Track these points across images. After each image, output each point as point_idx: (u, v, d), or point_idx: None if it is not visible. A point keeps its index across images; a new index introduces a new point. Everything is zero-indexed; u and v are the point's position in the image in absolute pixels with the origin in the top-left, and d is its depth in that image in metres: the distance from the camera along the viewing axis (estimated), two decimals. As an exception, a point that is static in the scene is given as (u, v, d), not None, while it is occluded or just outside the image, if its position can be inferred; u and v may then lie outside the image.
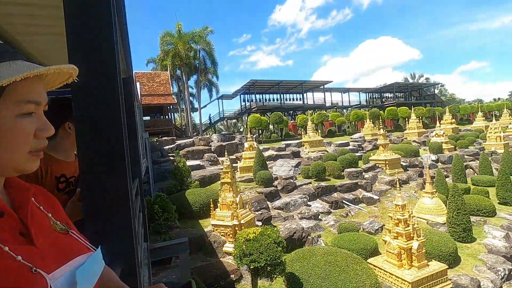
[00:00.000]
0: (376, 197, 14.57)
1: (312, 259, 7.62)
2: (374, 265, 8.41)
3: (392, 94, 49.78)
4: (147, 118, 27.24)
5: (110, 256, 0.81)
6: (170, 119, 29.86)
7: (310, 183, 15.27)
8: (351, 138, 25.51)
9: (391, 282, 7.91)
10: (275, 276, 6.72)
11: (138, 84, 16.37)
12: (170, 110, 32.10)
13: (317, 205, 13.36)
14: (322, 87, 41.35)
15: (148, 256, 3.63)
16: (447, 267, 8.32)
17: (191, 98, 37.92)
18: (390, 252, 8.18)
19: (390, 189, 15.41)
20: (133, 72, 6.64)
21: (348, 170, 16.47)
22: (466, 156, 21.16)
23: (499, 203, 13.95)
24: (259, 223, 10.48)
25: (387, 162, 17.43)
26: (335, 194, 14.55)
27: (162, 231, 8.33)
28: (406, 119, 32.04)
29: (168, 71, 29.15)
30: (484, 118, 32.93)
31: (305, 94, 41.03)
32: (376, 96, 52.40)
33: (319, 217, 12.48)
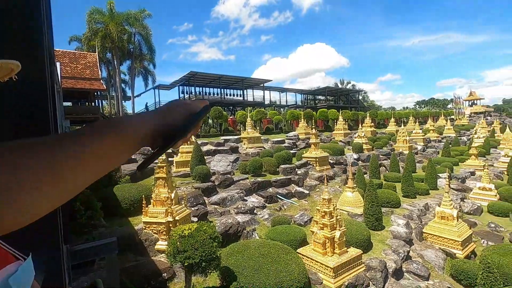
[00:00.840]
0: (306, 191, 15.73)
1: (247, 253, 7.86)
2: (303, 254, 9.11)
3: (324, 97, 54.15)
4: (69, 104, 24.02)
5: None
6: (97, 107, 26.88)
7: (247, 178, 15.63)
8: (287, 136, 26.93)
9: (317, 269, 8.70)
10: (209, 271, 6.73)
11: (58, 64, 14.25)
12: (98, 97, 28.89)
13: (253, 200, 13.78)
14: (262, 85, 42.50)
15: (68, 260, 3.25)
16: (362, 252, 9.55)
17: (123, 85, 34.79)
18: (316, 242, 8.97)
19: (319, 184, 16.83)
20: (53, 49, 5.77)
21: (283, 166, 17.38)
22: (380, 156, 24.42)
23: (403, 196, 16.55)
24: (195, 219, 10.31)
25: (317, 160, 18.95)
26: (270, 189, 15.21)
27: (84, 231, 7.52)
28: (335, 120, 35.26)
29: (96, 53, 26.13)
30: (395, 123, 38.48)
31: (245, 91, 41.58)
32: (310, 98, 56.29)
33: (255, 211, 12.91)
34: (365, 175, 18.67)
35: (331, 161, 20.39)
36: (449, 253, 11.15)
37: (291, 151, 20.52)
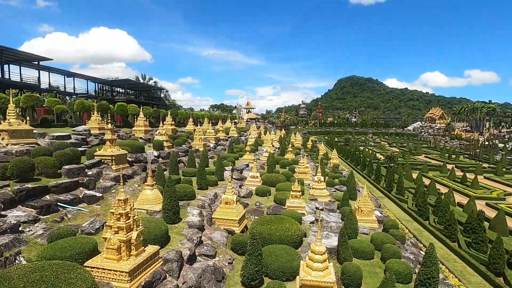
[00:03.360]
0: (99, 194, 13.87)
1: (7, 286, 5.79)
2: (92, 267, 7.94)
3: (123, 90, 49.96)
4: None
5: None
6: None
7: (9, 185, 11.56)
8: (74, 130, 22.48)
9: (110, 278, 7.88)
10: None
11: None
12: None
13: (19, 214, 10.37)
14: (37, 63, 32.89)
15: None
16: (159, 247, 9.70)
17: None
18: (109, 248, 8.11)
19: (115, 184, 15.35)
20: None
21: (67, 167, 14.35)
22: (180, 153, 25.91)
23: (198, 188, 18.48)
24: None
25: (113, 158, 17.19)
26: (47, 196, 12.07)
27: None
28: (135, 116, 33.52)
29: None
30: (193, 123, 42.25)
31: (6, 66, 30.43)
32: (107, 89, 50.12)
33: (20, 228, 9.76)
34: (165, 172, 19.11)
35: (130, 159, 19.21)
36: (230, 231, 13.71)
37: (80, 149, 17.34)
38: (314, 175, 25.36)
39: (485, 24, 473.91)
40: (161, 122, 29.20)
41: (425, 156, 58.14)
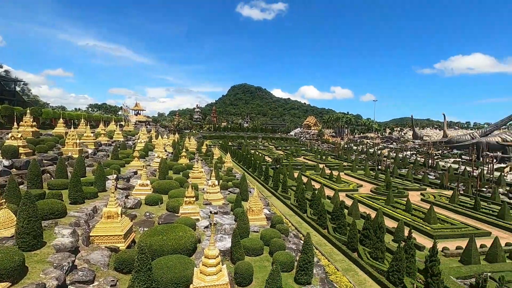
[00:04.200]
0: None
1: None
2: None
3: (-48, 78, 37.02)
4: None
5: None
6: None
7: None
8: None
9: None
10: None
11: None
12: None
13: None
14: None
15: None
16: (11, 284, 7.55)
17: None
18: None
19: None
20: None
21: None
22: (45, 161, 21.12)
23: (70, 203, 15.48)
24: None
25: None
26: None
27: None
28: (-27, 114, 25.29)
29: None
30: (65, 124, 35.29)
31: None
32: None
33: None
34: (21, 186, 15.15)
35: (-37, 172, 14.31)
36: (114, 248, 12.07)
37: None
38: (208, 179, 25.47)
39: (342, 48, 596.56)
40: (15, 123, 22.97)
41: (303, 158, 67.63)
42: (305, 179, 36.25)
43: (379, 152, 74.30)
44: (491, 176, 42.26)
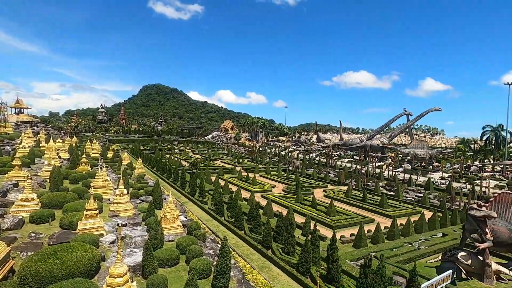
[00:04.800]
0: None
1: None
2: None
3: None
4: None
5: None
6: None
7: None
8: None
9: None
10: None
11: None
12: None
13: None
14: None
15: None
16: None
17: None
18: None
19: None
20: None
21: None
22: None
23: None
24: None
25: None
26: None
27: None
28: None
29: None
30: None
31: None
32: None
33: None
34: None
35: None
36: (-19, 283, 9.50)
37: None
38: (115, 188, 22.87)
39: (256, 55, 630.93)
40: None
41: (221, 161, 68.01)
42: (222, 183, 36.45)
43: (289, 154, 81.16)
44: (374, 172, 51.43)
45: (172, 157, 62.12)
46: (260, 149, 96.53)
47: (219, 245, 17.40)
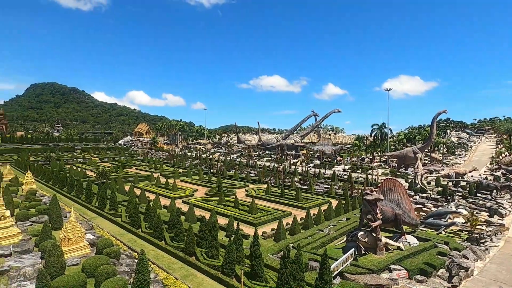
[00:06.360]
0: None
1: None
2: None
3: None
4: None
5: None
6: None
7: None
8: None
9: None
10: None
11: None
12: None
13: None
14: None
15: None
16: None
17: None
18: None
19: None
20: None
21: None
22: None
23: None
24: None
25: None
26: None
27: None
28: None
29: None
30: None
31: None
32: None
33: None
34: None
35: None
36: None
37: None
38: (-7, 211, 18.31)
39: (172, 54, 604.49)
40: None
41: (136, 168, 62.37)
42: (138, 192, 33.49)
43: (211, 156, 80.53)
44: (290, 169, 55.77)
45: (74, 167, 53.89)
46: (180, 153, 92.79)
47: (136, 260, 15.90)
